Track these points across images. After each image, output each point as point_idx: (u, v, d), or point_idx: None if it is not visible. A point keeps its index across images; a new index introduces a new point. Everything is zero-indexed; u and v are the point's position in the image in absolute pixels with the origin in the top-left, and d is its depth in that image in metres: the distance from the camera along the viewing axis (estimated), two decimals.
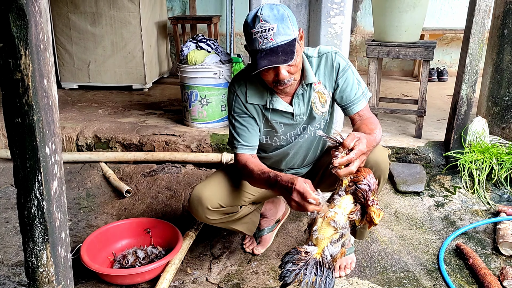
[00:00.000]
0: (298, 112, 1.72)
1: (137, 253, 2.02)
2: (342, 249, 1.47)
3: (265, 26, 1.47)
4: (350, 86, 1.70)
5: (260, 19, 1.47)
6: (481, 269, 1.86)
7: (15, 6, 0.92)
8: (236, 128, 1.74)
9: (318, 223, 1.44)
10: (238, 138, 1.73)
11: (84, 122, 3.29)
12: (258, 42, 1.48)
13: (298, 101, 1.70)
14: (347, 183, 1.46)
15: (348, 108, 1.72)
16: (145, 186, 2.72)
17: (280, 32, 1.47)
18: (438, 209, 2.44)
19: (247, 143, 1.73)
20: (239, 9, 5.13)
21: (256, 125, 1.74)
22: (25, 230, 1.06)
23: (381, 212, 1.43)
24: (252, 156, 1.73)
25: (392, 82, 4.91)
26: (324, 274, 1.40)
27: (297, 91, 1.68)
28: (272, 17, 1.47)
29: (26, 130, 0.99)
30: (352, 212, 1.44)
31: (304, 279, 1.38)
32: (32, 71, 0.96)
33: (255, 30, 1.48)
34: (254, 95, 1.70)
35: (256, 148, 1.76)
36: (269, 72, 1.55)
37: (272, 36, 1.47)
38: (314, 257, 1.42)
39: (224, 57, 3.11)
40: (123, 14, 4.24)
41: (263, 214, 2.13)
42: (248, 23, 1.51)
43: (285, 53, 1.47)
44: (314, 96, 1.71)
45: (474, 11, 2.42)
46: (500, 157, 2.54)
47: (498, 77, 2.84)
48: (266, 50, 1.48)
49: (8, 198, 2.62)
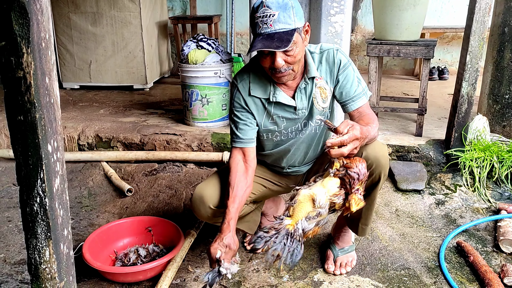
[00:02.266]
0: (301, 106, 1.73)
1: (138, 251, 2.03)
2: (314, 228, 1.48)
3: (267, 12, 1.51)
4: (350, 83, 1.71)
5: (264, 4, 1.52)
6: (481, 267, 1.87)
7: (17, 5, 0.93)
8: (235, 121, 1.77)
9: (300, 196, 1.46)
10: (235, 131, 1.76)
11: (86, 121, 3.30)
12: (258, 27, 1.53)
13: (301, 95, 1.72)
14: (338, 166, 1.48)
15: (347, 104, 1.73)
16: (147, 185, 2.72)
17: (280, 20, 1.51)
18: (438, 207, 2.44)
19: (243, 137, 1.75)
20: (240, 8, 5.14)
21: (253, 119, 1.76)
22: (27, 227, 1.07)
23: (361, 202, 1.46)
24: (245, 161, 1.76)
25: (392, 81, 4.92)
26: (293, 245, 1.43)
27: (299, 85, 1.70)
28: (276, 5, 1.51)
29: (28, 128, 1.00)
30: (335, 195, 1.46)
31: (273, 246, 1.42)
32: (34, 69, 0.97)
33: (257, 14, 1.53)
34: (257, 88, 1.73)
35: (251, 141, 1.77)
36: (266, 59, 1.58)
37: (272, 22, 1.51)
38: (287, 228, 1.44)
39: (224, 57, 3.12)
40: (124, 14, 4.25)
41: (264, 213, 2.14)
42: (254, 7, 1.56)
43: (280, 40, 1.50)
44: (316, 91, 1.72)
45: (475, 9, 2.43)
46: (500, 155, 2.54)
47: (498, 75, 2.84)
48: (263, 35, 1.52)
49: (10, 197, 2.63)
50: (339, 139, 1.41)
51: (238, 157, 1.75)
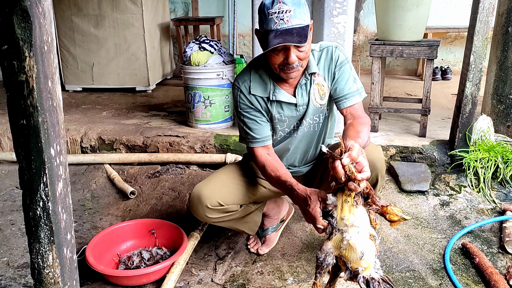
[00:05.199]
0: (301, 102, 1.74)
1: (142, 254, 2.02)
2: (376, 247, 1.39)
3: (283, 8, 1.51)
4: (345, 80, 1.72)
5: (279, 0, 1.51)
6: (487, 268, 1.85)
7: (19, 8, 0.92)
8: (246, 123, 1.76)
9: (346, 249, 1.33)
10: (249, 132, 1.75)
11: (88, 124, 3.30)
12: (274, 22, 1.52)
13: (301, 91, 1.73)
14: (353, 195, 1.35)
15: (340, 101, 1.73)
16: (150, 187, 2.72)
17: (296, 16, 1.52)
18: (443, 208, 2.43)
19: (259, 136, 1.74)
20: (242, 10, 5.14)
21: (263, 116, 1.76)
22: (30, 232, 1.06)
23: (395, 208, 1.37)
24: (268, 154, 1.75)
25: (395, 81, 4.90)
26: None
27: (300, 81, 1.72)
28: (290, 0, 1.52)
29: (31, 132, 0.99)
30: (372, 220, 1.36)
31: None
32: (36, 72, 0.96)
33: (272, 10, 1.52)
34: (257, 87, 1.73)
35: (269, 138, 1.77)
36: (279, 55, 1.58)
37: (289, 18, 1.51)
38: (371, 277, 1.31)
39: (227, 58, 3.11)
40: (126, 16, 4.25)
41: (266, 214, 2.13)
42: (265, 4, 1.55)
43: (299, 35, 1.51)
44: (313, 87, 1.73)
45: (478, 9, 2.41)
46: (505, 155, 2.52)
47: (502, 75, 2.83)
48: (280, 31, 1.51)
49: (13, 200, 2.63)
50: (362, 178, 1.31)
51: (263, 152, 1.74)
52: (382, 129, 3.11)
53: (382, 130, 3.09)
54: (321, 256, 1.37)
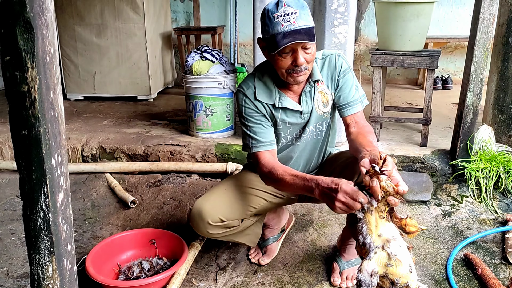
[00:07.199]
0: (306, 109, 1.75)
1: (142, 265, 2.01)
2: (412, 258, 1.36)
3: (289, 10, 1.53)
4: (349, 88, 1.74)
5: (283, 3, 1.54)
6: (490, 279, 1.84)
7: (22, 19, 0.93)
8: (250, 128, 1.73)
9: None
10: (255, 136, 1.72)
11: (90, 133, 3.30)
12: (280, 25, 1.53)
13: (306, 98, 1.74)
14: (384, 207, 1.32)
15: (344, 109, 1.74)
16: (150, 196, 2.71)
17: (302, 17, 1.53)
18: (445, 218, 2.42)
19: (265, 139, 1.72)
20: (243, 19, 5.17)
21: (268, 121, 1.75)
22: (31, 243, 1.06)
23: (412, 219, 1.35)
24: (274, 156, 1.72)
25: (396, 91, 4.91)
26: None
27: (304, 89, 1.73)
28: (295, 3, 1.54)
29: (32, 142, 0.99)
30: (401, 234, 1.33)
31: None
32: (38, 83, 0.97)
33: (277, 14, 1.53)
34: (262, 94, 1.73)
35: (274, 143, 1.75)
36: (286, 58, 1.58)
37: (295, 19, 1.52)
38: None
39: (228, 67, 3.12)
40: (128, 25, 4.28)
41: (266, 224, 2.12)
42: (269, 9, 1.56)
43: (307, 34, 1.53)
44: (317, 95, 1.75)
45: (479, 20, 2.42)
46: (507, 165, 2.51)
47: (503, 85, 2.83)
48: (289, 31, 1.52)
49: (13, 210, 2.63)
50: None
51: (269, 156, 1.69)
52: (383, 139, 3.11)
53: (383, 140, 3.09)
54: (366, 279, 1.26)
